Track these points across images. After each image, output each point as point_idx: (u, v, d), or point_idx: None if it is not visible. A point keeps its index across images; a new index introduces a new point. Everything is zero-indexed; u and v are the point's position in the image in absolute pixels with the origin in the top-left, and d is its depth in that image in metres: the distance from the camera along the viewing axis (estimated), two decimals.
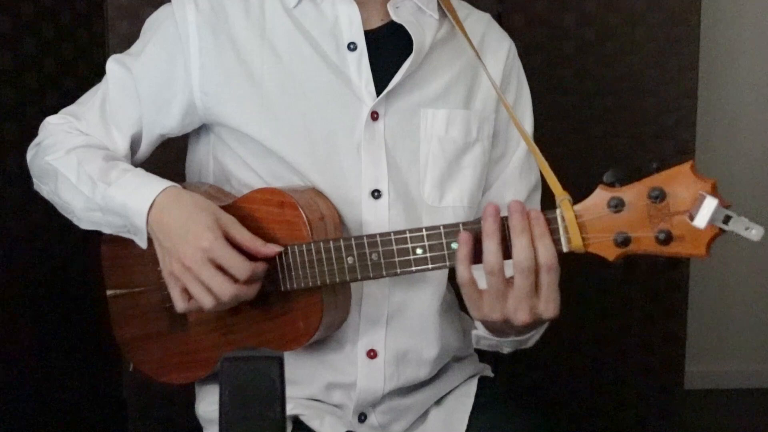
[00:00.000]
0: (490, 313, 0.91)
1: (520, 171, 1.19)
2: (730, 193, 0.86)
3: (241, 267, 0.97)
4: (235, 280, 0.97)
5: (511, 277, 0.89)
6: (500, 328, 0.96)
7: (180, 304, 1.02)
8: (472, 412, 1.15)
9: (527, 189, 1.19)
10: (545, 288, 0.88)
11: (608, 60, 2.01)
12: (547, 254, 0.87)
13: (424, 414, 1.18)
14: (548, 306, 0.90)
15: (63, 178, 1.08)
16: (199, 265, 0.97)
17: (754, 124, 2.71)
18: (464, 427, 1.14)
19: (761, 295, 2.77)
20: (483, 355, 1.27)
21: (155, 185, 1.03)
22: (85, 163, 1.07)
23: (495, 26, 1.21)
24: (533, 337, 1.05)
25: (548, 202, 0.92)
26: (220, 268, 0.97)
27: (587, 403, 2.12)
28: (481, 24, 1.19)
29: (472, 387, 1.19)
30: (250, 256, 0.99)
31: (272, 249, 0.99)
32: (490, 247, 0.88)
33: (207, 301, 0.98)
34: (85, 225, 1.10)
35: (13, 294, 1.61)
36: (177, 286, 1.01)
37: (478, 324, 1.03)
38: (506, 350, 1.07)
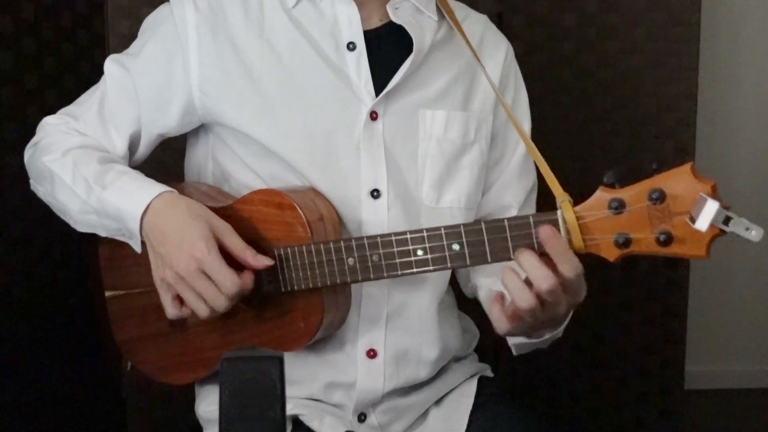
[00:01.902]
0: (517, 333, 0.94)
1: (519, 173, 1.19)
2: (730, 193, 0.86)
3: (228, 282, 0.96)
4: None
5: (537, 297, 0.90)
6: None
7: (171, 311, 1.02)
8: (472, 412, 1.15)
9: (525, 191, 1.20)
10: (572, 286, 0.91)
11: (608, 60, 2.00)
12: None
13: (424, 414, 1.17)
14: (579, 294, 0.93)
15: (59, 180, 1.07)
16: (193, 275, 0.97)
17: (754, 125, 2.71)
18: (464, 427, 1.14)
19: (761, 295, 2.77)
20: (483, 355, 1.27)
21: (150, 189, 1.02)
22: (80, 165, 1.06)
23: (492, 28, 1.21)
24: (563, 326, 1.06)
25: (548, 202, 0.92)
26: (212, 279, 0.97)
27: (587, 403, 2.12)
28: (479, 25, 1.19)
29: (472, 387, 1.19)
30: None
31: (262, 261, 0.98)
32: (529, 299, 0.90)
33: (202, 310, 0.99)
34: (81, 228, 1.10)
35: (13, 294, 1.61)
36: (168, 292, 1.01)
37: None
38: (545, 346, 1.08)
